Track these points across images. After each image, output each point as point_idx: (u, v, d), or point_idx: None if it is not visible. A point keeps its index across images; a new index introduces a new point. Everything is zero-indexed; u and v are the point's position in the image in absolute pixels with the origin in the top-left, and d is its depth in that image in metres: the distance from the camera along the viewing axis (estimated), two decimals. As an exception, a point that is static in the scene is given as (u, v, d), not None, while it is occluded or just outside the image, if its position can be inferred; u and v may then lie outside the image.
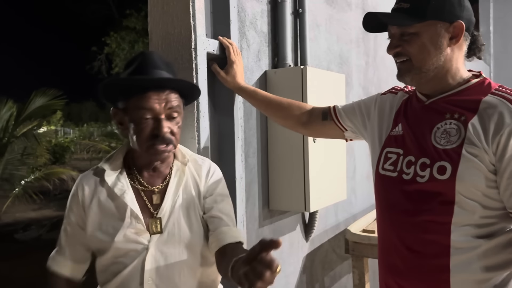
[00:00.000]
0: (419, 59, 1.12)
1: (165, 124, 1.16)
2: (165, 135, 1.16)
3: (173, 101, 1.18)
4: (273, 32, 2.00)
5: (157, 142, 1.16)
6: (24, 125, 8.82)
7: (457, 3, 1.11)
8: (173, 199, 1.23)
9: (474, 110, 1.07)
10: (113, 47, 14.49)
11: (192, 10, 1.49)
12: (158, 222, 1.20)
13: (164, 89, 1.16)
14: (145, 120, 1.15)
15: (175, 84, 1.18)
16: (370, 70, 3.06)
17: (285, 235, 2.11)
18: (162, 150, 1.17)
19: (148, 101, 1.14)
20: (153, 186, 1.24)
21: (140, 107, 1.14)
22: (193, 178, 1.28)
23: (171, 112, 1.18)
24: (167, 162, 1.27)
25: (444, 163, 1.06)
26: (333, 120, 1.47)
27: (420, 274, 1.14)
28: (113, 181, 1.22)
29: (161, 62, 1.20)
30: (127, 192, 1.21)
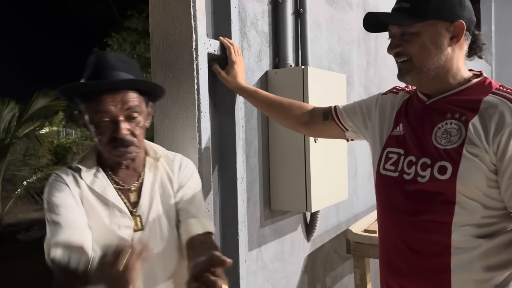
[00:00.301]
0: (419, 58, 1.12)
1: (123, 126, 1.14)
2: (125, 137, 1.14)
3: (130, 101, 1.14)
4: (274, 32, 2.00)
5: (117, 145, 1.14)
6: (26, 126, 8.84)
7: (457, 3, 1.11)
8: (150, 195, 1.24)
9: (474, 110, 1.07)
10: (115, 48, 14.50)
11: (193, 11, 1.49)
12: (138, 220, 1.21)
13: (119, 90, 1.13)
14: (103, 123, 1.13)
15: (126, 84, 1.15)
16: (371, 70, 3.06)
17: (287, 235, 2.11)
18: (123, 152, 1.16)
19: (103, 104, 1.12)
20: (128, 185, 1.24)
21: (96, 110, 1.13)
22: (166, 173, 1.29)
23: (130, 113, 1.15)
24: (138, 159, 1.26)
25: (444, 163, 1.06)
26: (334, 120, 1.47)
27: (421, 274, 1.14)
28: (91, 179, 1.20)
29: (117, 62, 1.17)
30: (108, 189, 1.20)
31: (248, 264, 1.81)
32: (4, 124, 8.43)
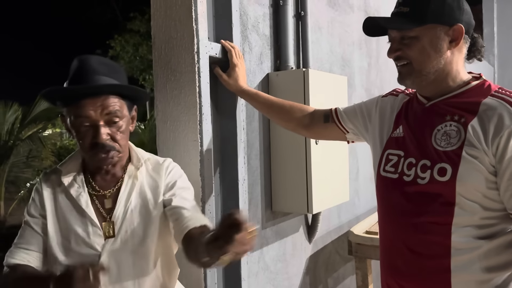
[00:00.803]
0: (419, 62, 1.13)
1: (104, 131, 1.12)
2: (105, 143, 1.13)
3: (111, 106, 1.13)
4: (275, 35, 2.02)
5: (97, 150, 1.13)
6: (29, 128, 8.88)
7: (456, 7, 1.12)
8: (126, 204, 1.21)
9: (474, 112, 1.08)
10: (118, 50, 14.57)
11: (195, 14, 1.50)
12: (111, 226, 1.19)
13: (99, 95, 1.12)
14: (84, 128, 1.12)
15: (105, 89, 1.13)
16: (372, 72, 3.06)
17: (288, 237, 2.11)
18: (103, 158, 1.14)
19: (83, 109, 1.11)
20: (105, 191, 1.22)
21: (76, 115, 1.12)
22: (151, 179, 1.26)
23: (110, 118, 1.14)
24: (119, 165, 1.24)
25: (444, 164, 1.07)
26: (335, 122, 1.48)
27: (421, 275, 1.14)
28: (70, 182, 1.21)
29: (100, 66, 1.16)
30: (82, 195, 1.20)
31: (249, 265, 1.82)
32: (8, 126, 8.47)
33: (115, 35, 14.60)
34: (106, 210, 1.21)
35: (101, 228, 1.18)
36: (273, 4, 2.00)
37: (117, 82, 1.16)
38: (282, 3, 1.99)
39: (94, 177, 1.23)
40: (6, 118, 8.44)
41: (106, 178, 1.24)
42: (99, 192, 1.22)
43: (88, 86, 1.12)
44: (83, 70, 1.14)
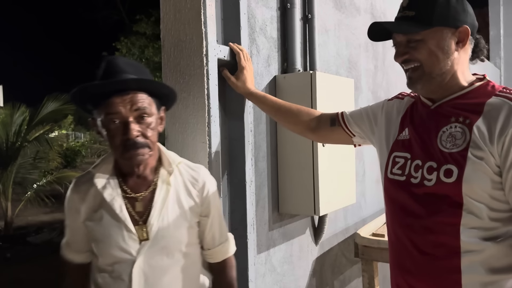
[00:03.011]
0: (429, 64, 1.14)
1: (133, 127, 1.11)
2: (136, 139, 1.12)
3: (139, 102, 1.13)
4: (283, 37, 2.03)
5: (128, 148, 1.12)
6: (37, 129, 8.95)
7: (461, 9, 1.13)
8: (161, 207, 1.20)
9: (478, 113, 1.08)
10: (123, 52, 14.63)
11: (204, 17, 1.52)
12: (144, 230, 1.18)
13: (128, 91, 1.12)
14: (113, 125, 1.12)
15: (132, 84, 1.13)
16: (379, 74, 3.07)
17: (295, 239, 2.12)
18: (135, 155, 1.13)
19: (112, 105, 1.11)
20: (136, 193, 1.21)
21: (106, 113, 1.12)
22: (185, 186, 1.26)
23: (140, 114, 1.13)
24: (150, 168, 1.23)
25: (450, 166, 1.08)
26: (341, 126, 1.49)
27: (431, 275, 1.15)
28: (103, 185, 1.20)
29: (126, 65, 1.16)
30: (116, 199, 1.19)
31: (256, 267, 1.83)
32: (15, 128, 8.54)
33: (121, 37, 14.66)
34: (138, 214, 1.20)
35: (134, 231, 1.17)
36: (281, 7, 2.01)
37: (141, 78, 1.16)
38: (290, 6, 2.00)
39: (126, 180, 1.22)
40: (13, 119, 8.52)
41: (137, 181, 1.22)
42: (130, 195, 1.21)
43: (117, 80, 1.12)
44: (110, 69, 1.14)
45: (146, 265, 1.17)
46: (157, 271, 1.18)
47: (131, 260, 1.17)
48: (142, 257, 1.17)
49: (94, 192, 1.21)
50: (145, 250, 1.17)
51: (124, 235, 1.17)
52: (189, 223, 1.24)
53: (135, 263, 1.16)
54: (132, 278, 1.16)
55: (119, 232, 1.17)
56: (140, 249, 1.17)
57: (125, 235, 1.17)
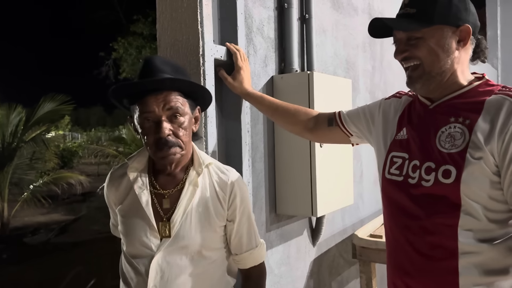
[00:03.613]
0: (428, 62, 1.12)
1: (166, 126, 1.15)
2: (167, 138, 1.15)
3: (172, 101, 1.16)
4: (280, 37, 2.02)
5: (160, 146, 1.15)
6: (33, 130, 8.93)
7: (463, 8, 1.12)
8: (186, 207, 1.21)
9: (478, 111, 1.07)
10: (121, 52, 14.61)
11: (200, 17, 1.51)
12: (167, 226, 1.19)
13: (162, 90, 1.15)
14: (147, 123, 1.16)
15: (165, 83, 1.16)
16: (376, 74, 3.06)
17: (292, 240, 2.11)
18: (167, 154, 1.16)
19: (146, 104, 1.15)
20: (165, 190, 1.24)
21: (141, 111, 1.16)
22: (212, 189, 1.26)
23: (172, 113, 1.16)
24: (181, 166, 1.26)
25: (449, 166, 1.07)
26: (339, 125, 1.48)
27: (429, 276, 1.14)
28: (134, 178, 1.24)
29: (164, 65, 1.19)
30: (144, 193, 1.22)
31: (254, 268, 1.81)
32: (11, 128, 8.52)
33: (119, 38, 14.64)
34: (164, 210, 1.22)
35: (157, 228, 1.20)
36: (278, 7, 2.00)
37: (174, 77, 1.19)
38: (287, 6, 1.99)
39: (157, 176, 1.26)
40: (10, 120, 8.49)
41: (167, 178, 1.26)
42: (158, 191, 1.24)
43: (149, 79, 1.15)
44: (147, 68, 1.18)
45: (164, 261, 1.19)
46: (174, 269, 1.19)
47: (150, 255, 1.19)
48: (161, 253, 1.19)
49: (126, 184, 1.26)
50: (164, 247, 1.19)
51: (146, 230, 1.20)
52: (213, 227, 1.24)
53: (154, 258, 1.18)
54: (149, 272, 1.18)
55: (142, 226, 1.21)
56: (160, 245, 1.19)
57: (147, 230, 1.20)
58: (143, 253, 1.20)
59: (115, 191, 1.28)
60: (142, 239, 1.20)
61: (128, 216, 1.24)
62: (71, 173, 10.27)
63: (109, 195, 1.31)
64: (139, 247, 1.20)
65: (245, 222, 1.30)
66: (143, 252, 1.20)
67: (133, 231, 1.22)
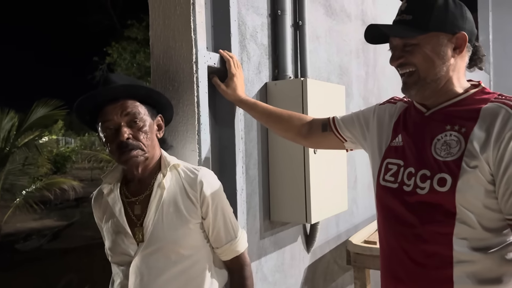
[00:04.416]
0: (424, 69, 1.12)
1: (124, 130, 1.20)
2: (127, 141, 1.20)
3: (129, 108, 1.22)
4: (273, 44, 2.02)
5: (122, 149, 1.21)
6: (26, 135, 8.86)
7: (459, 15, 1.12)
8: (156, 210, 1.25)
9: (474, 120, 1.07)
10: (115, 57, 14.58)
11: (193, 24, 1.50)
12: (141, 231, 1.25)
13: (118, 99, 1.22)
14: (109, 132, 1.22)
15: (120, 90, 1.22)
16: (370, 80, 3.07)
17: (287, 247, 2.10)
18: (129, 156, 1.21)
19: (105, 114, 1.22)
20: (135, 197, 1.29)
21: (101, 121, 1.22)
22: (182, 188, 1.29)
23: (131, 118, 1.22)
24: (148, 171, 1.30)
25: (444, 175, 1.07)
26: (333, 131, 1.48)
27: (423, 285, 1.13)
28: (108, 191, 1.32)
29: (119, 79, 1.26)
30: (117, 203, 1.29)
31: (248, 276, 1.80)
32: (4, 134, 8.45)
33: (113, 42, 14.61)
34: (136, 216, 1.27)
35: (131, 234, 1.25)
36: (271, 14, 2.01)
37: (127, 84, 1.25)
38: (280, 12, 1.99)
39: (128, 185, 1.33)
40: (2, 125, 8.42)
41: (138, 185, 1.31)
42: (130, 199, 1.30)
43: (104, 88, 1.22)
44: (103, 83, 1.25)
45: (143, 265, 1.24)
46: (153, 271, 1.23)
47: (130, 260, 1.24)
48: (138, 257, 1.24)
49: (104, 199, 1.33)
50: (140, 251, 1.24)
51: (123, 237, 1.26)
52: (187, 225, 1.26)
53: (132, 263, 1.24)
54: (129, 276, 1.24)
55: (119, 235, 1.27)
56: (137, 250, 1.24)
57: (124, 237, 1.26)
58: (124, 260, 1.26)
59: (98, 208, 1.36)
60: (121, 246, 1.26)
61: (108, 229, 1.30)
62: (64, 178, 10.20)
63: (95, 214, 1.38)
64: (120, 254, 1.27)
65: (220, 217, 1.33)
66: (124, 258, 1.26)
67: (112, 240, 1.28)
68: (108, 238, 1.31)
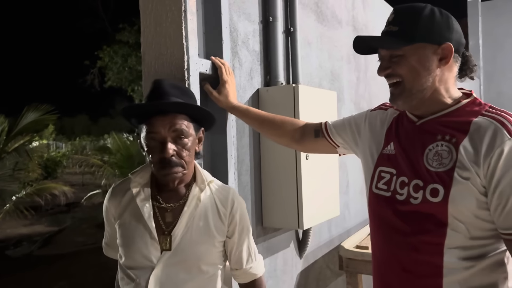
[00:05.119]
0: (409, 79, 1.13)
1: (170, 146, 1.20)
2: (171, 158, 1.20)
3: (178, 124, 1.22)
4: (265, 50, 2.03)
5: (164, 165, 1.20)
6: (16, 140, 8.75)
7: (445, 26, 1.13)
8: (188, 221, 1.25)
9: (465, 132, 1.08)
10: (106, 60, 14.51)
11: (185, 31, 1.50)
12: (168, 240, 1.22)
13: (168, 113, 1.21)
14: (153, 143, 1.21)
15: (172, 107, 1.22)
16: (361, 85, 3.09)
17: (279, 252, 2.10)
18: (169, 173, 1.21)
19: (153, 125, 1.21)
20: (168, 204, 1.27)
21: (148, 131, 1.22)
22: (213, 205, 1.30)
23: (177, 135, 1.22)
24: (184, 183, 1.30)
25: (436, 185, 1.07)
26: (325, 137, 1.49)
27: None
28: (137, 191, 1.28)
29: (173, 89, 1.26)
30: (147, 206, 1.26)
31: (240, 282, 1.80)
32: (-6, 139, 8.34)
33: (104, 46, 14.54)
34: (166, 224, 1.25)
35: (157, 240, 1.23)
36: (263, 21, 2.01)
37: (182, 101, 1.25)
38: (272, 19, 2.00)
39: (160, 191, 1.30)
40: (-8, 130, 8.32)
41: (170, 193, 1.29)
42: (161, 204, 1.27)
43: (157, 102, 1.22)
44: (156, 91, 1.25)
45: (163, 274, 1.21)
46: (173, 283, 1.22)
47: (150, 267, 1.22)
48: (161, 265, 1.21)
49: (128, 197, 1.29)
50: (164, 260, 1.22)
51: (148, 242, 1.23)
52: (213, 242, 1.27)
53: (154, 271, 1.21)
54: (148, 284, 1.20)
55: (143, 238, 1.23)
56: (160, 258, 1.22)
57: (148, 242, 1.23)
58: (142, 265, 1.23)
59: (117, 205, 1.31)
60: (142, 250, 1.22)
61: (129, 229, 1.26)
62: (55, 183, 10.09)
63: (109, 209, 1.32)
64: (139, 258, 1.23)
65: (245, 238, 1.34)
66: (143, 263, 1.23)
67: (133, 243, 1.24)
68: (125, 239, 1.26)
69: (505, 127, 1.04)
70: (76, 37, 20.42)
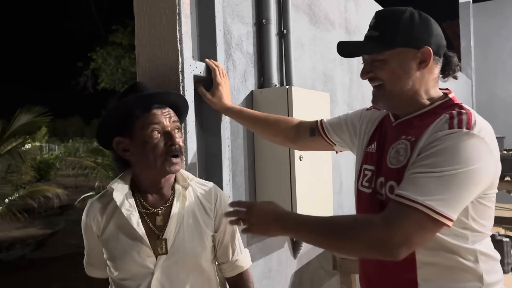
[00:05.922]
0: (390, 83, 1.16)
1: (177, 135, 1.22)
2: (178, 147, 1.21)
3: (174, 116, 1.25)
4: (259, 53, 2.04)
5: (171, 155, 1.20)
6: (9, 142, 8.70)
7: (424, 30, 1.15)
8: (178, 221, 1.23)
9: (425, 130, 1.09)
10: (99, 62, 14.47)
11: (179, 34, 1.51)
12: (163, 243, 1.21)
13: (165, 105, 1.23)
14: (156, 135, 1.19)
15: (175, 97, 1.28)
16: (354, 87, 3.12)
17: (273, 253, 2.12)
18: (177, 162, 1.21)
19: (155, 116, 1.20)
20: (155, 209, 1.25)
21: (148, 123, 1.19)
22: (200, 202, 1.30)
23: (176, 126, 1.24)
24: (168, 184, 1.28)
25: (392, 182, 1.12)
26: (321, 136, 1.51)
27: (390, 286, 1.18)
28: (121, 201, 1.22)
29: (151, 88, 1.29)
30: (133, 214, 1.21)
31: (235, 283, 1.81)
32: (-14, 141, 8.28)
33: (97, 48, 14.50)
34: (158, 228, 1.23)
35: (150, 246, 1.20)
36: (256, 23, 2.03)
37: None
38: (265, 22, 2.02)
39: (145, 196, 1.27)
40: (-16, 133, 8.26)
41: (155, 197, 1.27)
42: (150, 210, 1.24)
43: (162, 91, 1.23)
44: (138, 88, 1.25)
45: (164, 278, 1.20)
46: (175, 284, 1.22)
47: (149, 273, 1.20)
48: (160, 270, 1.20)
49: (111, 210, 1.24)
50: (162, 263, 1.20)
51: (140, 249, 1.19)
52: (205, 237, 1.27)
53: (154, 276, 1.20)
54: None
55: (135, 247, 1.20)
56: (157, 262, 1.20)
57: (140, 250, 1.19)
58: (139, 274, 1.20)
59: (99, 222, 1.25)
60: (136, 259, 1.19)
61: (117, 241, 1.22)
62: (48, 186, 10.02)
63: (90, 227, 1.26)
64: (135, 268, 1.20)
65: (229, 230, 1.34)
66: (140, 272, 1.20)
67: (125, 254, 1.20)
68: (115, 252, 1.21)
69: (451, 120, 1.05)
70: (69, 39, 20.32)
